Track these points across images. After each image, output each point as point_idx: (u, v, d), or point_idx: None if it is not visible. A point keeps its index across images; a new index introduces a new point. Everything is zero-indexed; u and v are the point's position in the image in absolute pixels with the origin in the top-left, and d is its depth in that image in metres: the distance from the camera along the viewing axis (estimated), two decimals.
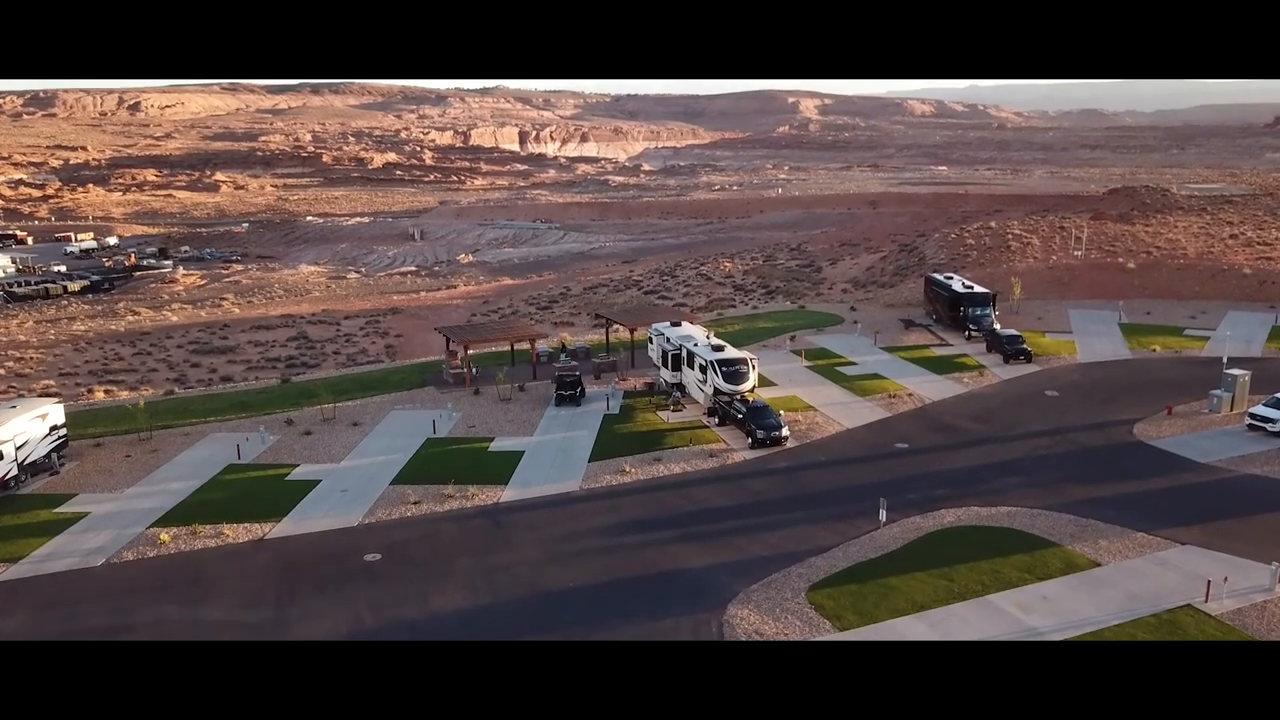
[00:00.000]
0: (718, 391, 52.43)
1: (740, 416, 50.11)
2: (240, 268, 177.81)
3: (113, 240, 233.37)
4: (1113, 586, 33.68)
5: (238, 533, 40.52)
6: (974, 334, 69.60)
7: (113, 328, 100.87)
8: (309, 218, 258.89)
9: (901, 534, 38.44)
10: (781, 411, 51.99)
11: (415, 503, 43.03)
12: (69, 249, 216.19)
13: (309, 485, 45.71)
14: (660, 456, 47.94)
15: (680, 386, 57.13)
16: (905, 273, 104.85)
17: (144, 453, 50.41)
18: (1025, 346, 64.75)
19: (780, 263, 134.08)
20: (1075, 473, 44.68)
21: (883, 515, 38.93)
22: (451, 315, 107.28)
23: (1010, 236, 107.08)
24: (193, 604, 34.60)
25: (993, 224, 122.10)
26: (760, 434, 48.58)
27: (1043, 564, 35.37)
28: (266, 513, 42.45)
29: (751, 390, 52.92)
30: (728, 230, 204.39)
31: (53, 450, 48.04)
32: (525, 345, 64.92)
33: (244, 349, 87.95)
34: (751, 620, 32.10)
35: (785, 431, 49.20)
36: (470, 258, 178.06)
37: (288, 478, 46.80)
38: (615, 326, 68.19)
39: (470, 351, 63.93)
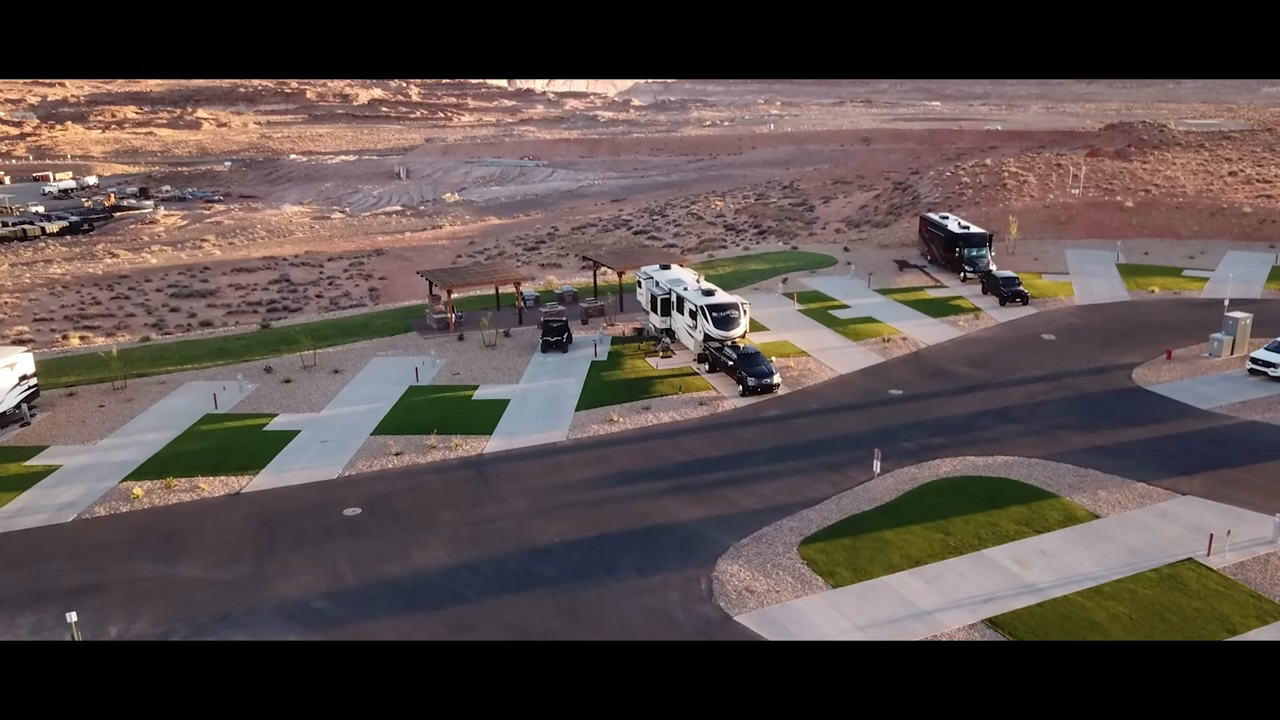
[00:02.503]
0: (708, 338, 51.11)
1: (731, 363, 48.87)
2: (222, 208, 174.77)
3: (92, 180, 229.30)
4: (1112, 539, 32.84)
5: (214, 486, 39.35)
6: (970, 275, 68.19)
7: (90, 271, 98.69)
8: (292, 156, 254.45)
9: (895, 485, 37.48)
10: (773, 358, 50.78)
11: (397, 454, 41.86)
12: (47, 189, 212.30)
13: (288, 436, 44.48)
14: (649, 405, 46.77)
15: (670, 332, 55.78)
16: (899, 211, 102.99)
17: (118, 402, 49.03)
18: (1022, 288, 63.43)
19: (772, 201, 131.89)
20: (1073, 420, 43.69)
21: (876, 466, 37.95)
22: (437, 256, 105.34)
23: (1006, 174, 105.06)
24: (167, 561, 33.53)
25: (988, 161, 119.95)
26: (751, 381, 47.38)
27: (1040, 516, 34.48)
28: (244, 465, 41.26)
29: (743, 336, 51.61)
30: (719, 167, 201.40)
31: (23, 400, 46.62)
32: (511, 289, 63.30)
33: (224, 292, 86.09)
34: (742, 576, 31.19)
35: (777, 379, 48.01)
36: (456, 197, 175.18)
37: (266, 428, 45.53)
38: (603, 269, 66.58)
39: (454, 295, 62.38)
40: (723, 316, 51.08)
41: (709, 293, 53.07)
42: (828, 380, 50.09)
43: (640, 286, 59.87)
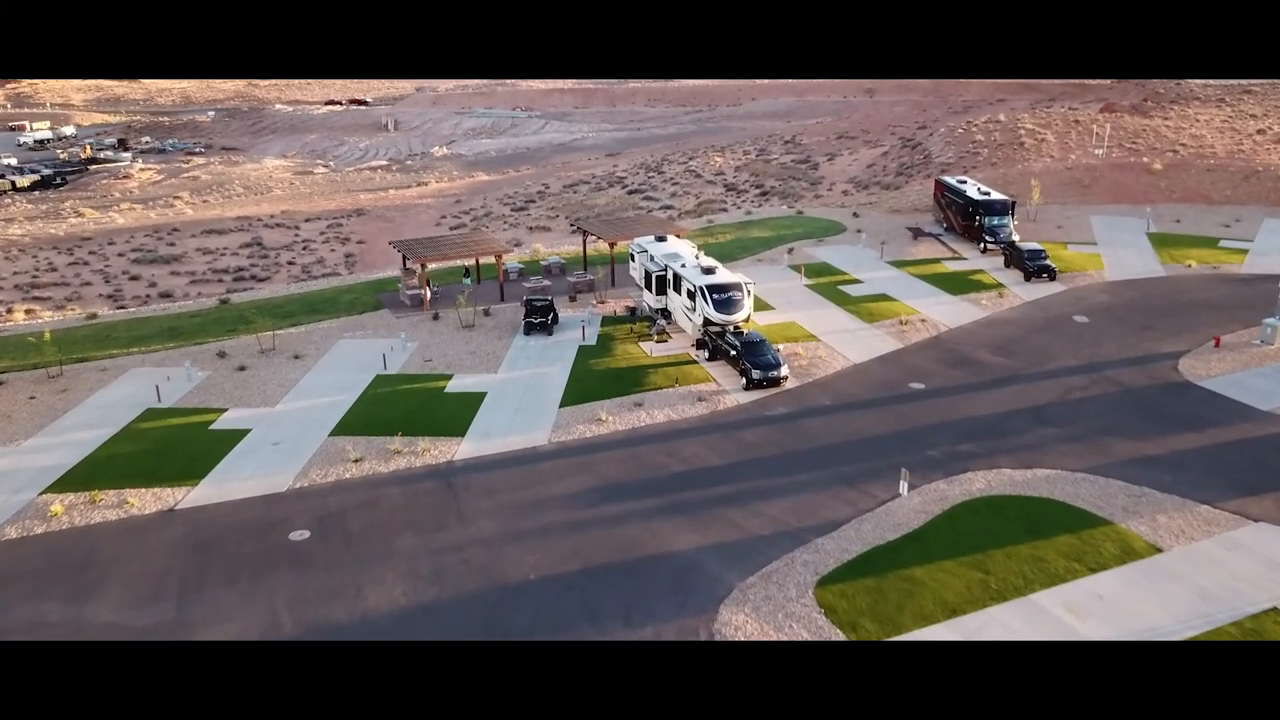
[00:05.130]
0: (708, 322, 46.01)
1: (734, 353, 43.83)
2: (202, 161, 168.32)
3: (69, 130, 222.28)
4: (1179, 580, 28.14)
5: (144, 500, 34.49)
6: (990, 246, 62.97)
7: (52, 232, 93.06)
8: (278, 106, 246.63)
9: (923, 505, 32.68)
10: (780, 345, 45.78)
11: (356, 460, 36.99)
12: (22, 139, 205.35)
13: (236, 436, 39.56)
14: (642, 400, 41.82)
15: (665, 312, 50.67)
16: (910, 172, 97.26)
17: (52, 393, 44.04)
18: (1049, 262, 58.23)
19: (774, 158, 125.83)
20: (1118, 422, 38.83)
21: (904, 489, 33.00)
22: (420, 216, 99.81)
23: (1023, 132, 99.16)
24: (78, 599, 28.76)
25: (1001, 117, 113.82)
26: (756, 374, 42.39)
27: (1093, 549, 29.72)
28: (182, 473, 36.38)
29: (746, 320, 46.54)
30: (717, 119, 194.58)
31: None
32: (491, 259, 57.99)
33: (191, 257, 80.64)
34: (748, 629, 26.47)
35: (784, 370, 43.02)
36: (445, 150, 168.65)
37: (212, 426, 40.59)
38: (594, 237, 61.23)
39: (432, 266, 57.14)
40: (724, 299, 45.93)
41: (709, 270, 47.80)
42: (840, 370, 45.12)
43: (633, 260, 54.59)
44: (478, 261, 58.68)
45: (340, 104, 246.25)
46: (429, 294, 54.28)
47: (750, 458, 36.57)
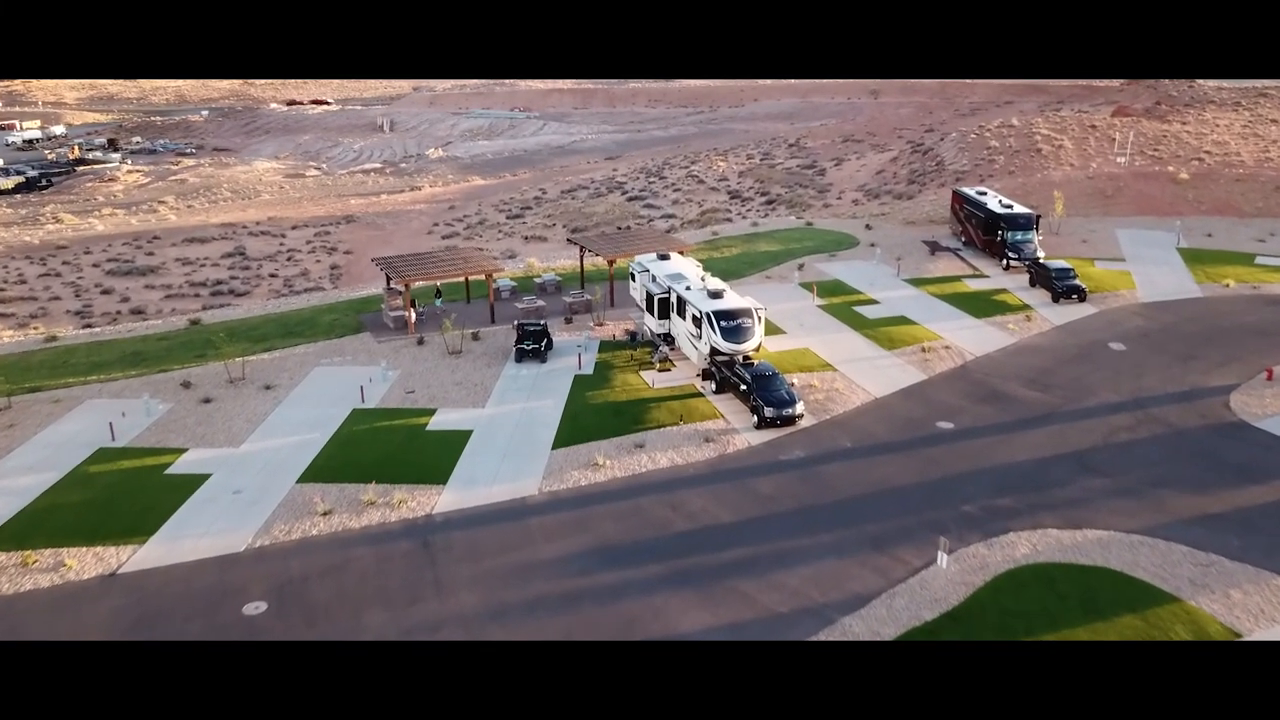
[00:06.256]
0: (715, 351, 42.17)
1: (744, 387, 39.97)
2: (192, 162, 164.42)
3: (60, 129, 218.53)
4: None
5: (84, 562, 30.64)
6: (1014, 263, 59.13)
7: (27, 239, 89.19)
8: (273, 105, 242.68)
9: (962, 575, 28.83)
10: (794, 378, 41.91)
11: (324, 513, 33.13)
12: (10, 139, 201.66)
13: (194, 482, 35.71)
14: (643, 441, 37.97)
15: (668, 338, 46.85)
16: (923, 180, 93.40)
17: None
18: (1078, 282, 54.39)
19: (779, 162, 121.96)
20: (1173, 471, 34.98)
21: (943, 561, 29.05)
22: (412, 224, 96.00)
23: (1039, 138, 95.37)
24: None
25: (1015, 121, 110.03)
26: (769, 413, 38.54)
27: (1162, 634, 25.88)
28: (129, 528, 32.53)
29: (757, 349, 42.73)
30: (719, 121, 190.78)
31: None
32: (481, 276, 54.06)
33: (168, 269, 76.76)
34: None
35: (800, 408, 39.15)
36: (441, 152, 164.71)
37: (169, 470, 36.73)
38: (591, 253, 57.33)
39: (419, 283, 53.26)
40: (733, 326, 42.10)
41: (716, 294, 43.92)
42: (860, 406, 41.28)
43: (634, 280, 50.74)
44: (467, 280, 54.84)
45: (301, 103, 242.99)
46: (413, 316, 50.42)
47: (764, 513, 32.73)
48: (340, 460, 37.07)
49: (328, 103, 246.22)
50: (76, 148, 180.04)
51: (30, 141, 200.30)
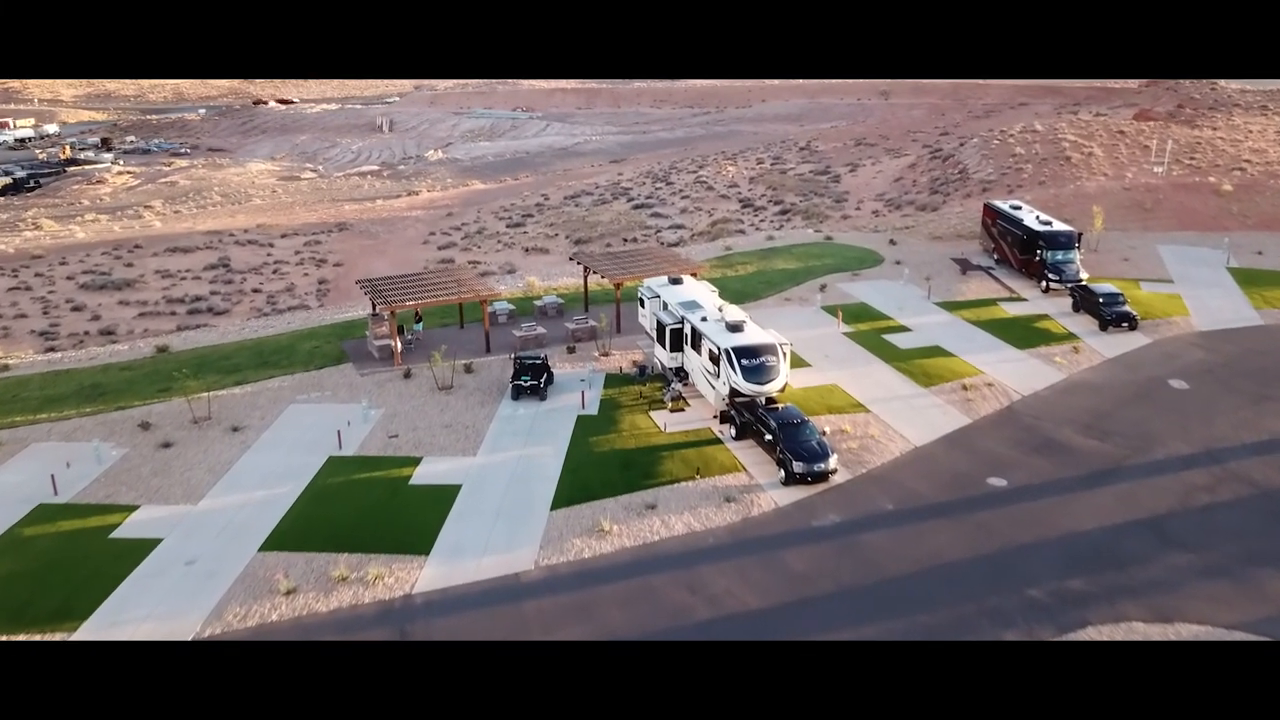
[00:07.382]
0: (735, 392, 37.56)
1: (769, 436, 35.32)
2: (184, 163, 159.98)
3: (53, 128, 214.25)
4: None
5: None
6: (1054, 285, 54.48)
7: (2, 247, 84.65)
8: (271, 104, 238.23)
9: None
10: (824, 425, 37.22)
11: (287, 592, 28.61)
12: (2, 138, 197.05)
13: (142, 549, 31.21)
14: (655, 500, 33.37)
15: (682, 372, 42.24)
16: (945, 189, 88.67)
17: None
18: (1128, 308, 49.73)
19: (790, 167, 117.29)
20: (1267, 545, 30.35)
21: None
22: (407, 232, 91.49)
23: (1066, 144, 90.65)
24: None
25: (1038, 126, 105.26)
26: (798, 468, 33.90)
27: None
28: (60, 610, 28.04)
29: (782, 389, 38.13)
30: (727, 122, 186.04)
31: None
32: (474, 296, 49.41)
33: (146, 282, 72.26)
34: None
35: (833, 462, 34.52)
36: (440, 154, 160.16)
37: (114, 533, 32.22)
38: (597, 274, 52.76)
39: (409, 303, 48.58)
40: (755, 365, 37.47)
41: (735, 327, 39.24)
42: (899, 457, 36.64)
43: (643, 306, 46.16)
44: (461, 307, 50.28)
45: (266, 102, 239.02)
46: (399, 345, 45.86)
47: (798, 597, 28.13)
48: (310, 522, 32.52)
49: (293, 101, 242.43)
50: (68, 147, 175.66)
51: (22, 140, 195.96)
